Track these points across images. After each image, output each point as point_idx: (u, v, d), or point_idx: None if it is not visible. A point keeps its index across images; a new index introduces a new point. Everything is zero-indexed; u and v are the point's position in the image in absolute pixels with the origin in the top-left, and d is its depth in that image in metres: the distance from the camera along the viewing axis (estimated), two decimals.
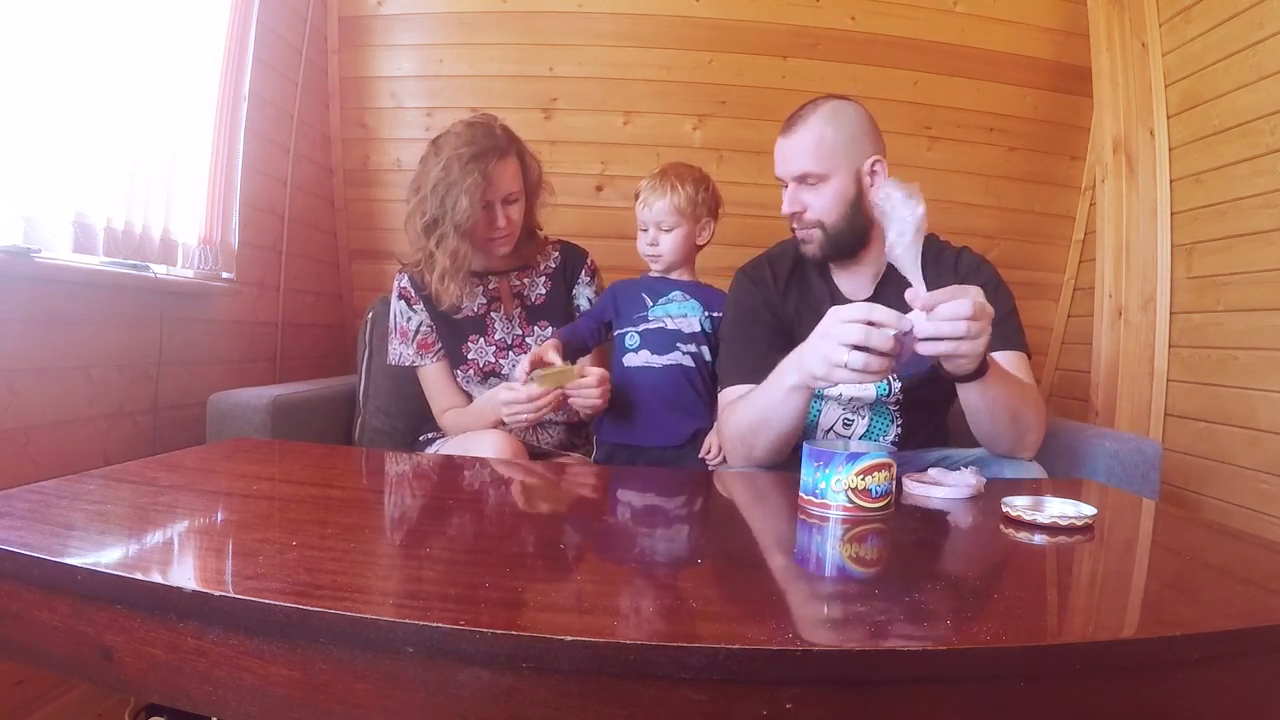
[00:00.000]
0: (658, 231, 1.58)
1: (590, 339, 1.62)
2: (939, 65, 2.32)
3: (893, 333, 0.95)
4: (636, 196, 1.61)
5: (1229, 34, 1.83)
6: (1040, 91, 2.36)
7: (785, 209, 1.33)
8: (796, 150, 1.30)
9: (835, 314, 1.00)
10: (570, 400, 1.43)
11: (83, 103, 1.37)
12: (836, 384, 1.04)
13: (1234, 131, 1.82)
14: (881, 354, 0.95)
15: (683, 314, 1.57)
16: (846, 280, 1.39)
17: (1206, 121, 1.91)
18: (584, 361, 1.63)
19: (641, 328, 1.57)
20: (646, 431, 1.54)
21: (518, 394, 1.38)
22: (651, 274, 1.64)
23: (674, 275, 1.62)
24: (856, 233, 1.33)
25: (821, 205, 1.30)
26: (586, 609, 0.64)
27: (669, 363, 1.55)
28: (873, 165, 1.31)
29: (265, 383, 1.85)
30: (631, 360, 1.57)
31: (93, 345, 1.45)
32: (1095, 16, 2.20)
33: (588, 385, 1.41)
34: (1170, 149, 2.03)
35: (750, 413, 1.21)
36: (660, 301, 1.59)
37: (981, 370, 1.06)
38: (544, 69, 2.34)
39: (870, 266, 1.37)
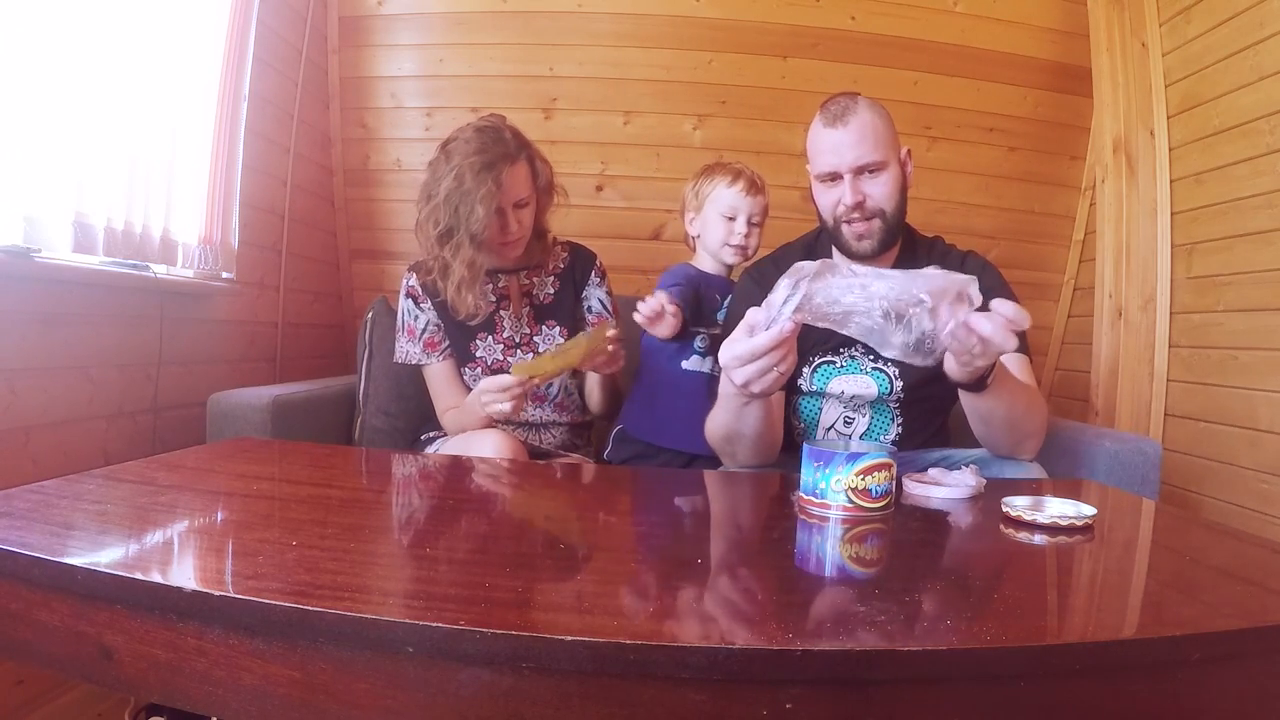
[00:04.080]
0: (749, 224, 1.54)
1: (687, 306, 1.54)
2: (939, 65, 2.32)
3: (774, 332, 0.90)
4: (707, 175, 1.55)
5: (1229, 34, 1.83)
6: (1040, 91, 2.36)
7: (849, 199, 1.28)
8: (856, 139, 1.27)
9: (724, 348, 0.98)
10: (597, 364, 1.41)
11: (83, 103, 1.37)
12: (769, 389, 1.00)
13: (1234, 131, 1.82)
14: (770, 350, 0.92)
15: None
16: None
17: (1206, 121, 1.90)
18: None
19: (715, 331, 1.51)
20: (684, 437, 1.51)
21: (489, 383, 1.37)
22: (709, 270, 1.57)
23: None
24: (902, 224, 1.35)
25: (882, 194, 1.30)
26: (587, 609, 0.64)
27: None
28: (906, 154, 1.34)
29: (265, 383, 1.85)
30: (694, 364, 1.53)
31: (92, 345, 1.45)
32: (1095, 16, 2.20)
33: (615, 340, 1.36)
34: (1170, 149, 2.03)
35: (722, 426, 1.23)
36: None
37: (983, 384, 1.06)
38: (544, 69, 2.34)
39: (885, 264, 1.37)
